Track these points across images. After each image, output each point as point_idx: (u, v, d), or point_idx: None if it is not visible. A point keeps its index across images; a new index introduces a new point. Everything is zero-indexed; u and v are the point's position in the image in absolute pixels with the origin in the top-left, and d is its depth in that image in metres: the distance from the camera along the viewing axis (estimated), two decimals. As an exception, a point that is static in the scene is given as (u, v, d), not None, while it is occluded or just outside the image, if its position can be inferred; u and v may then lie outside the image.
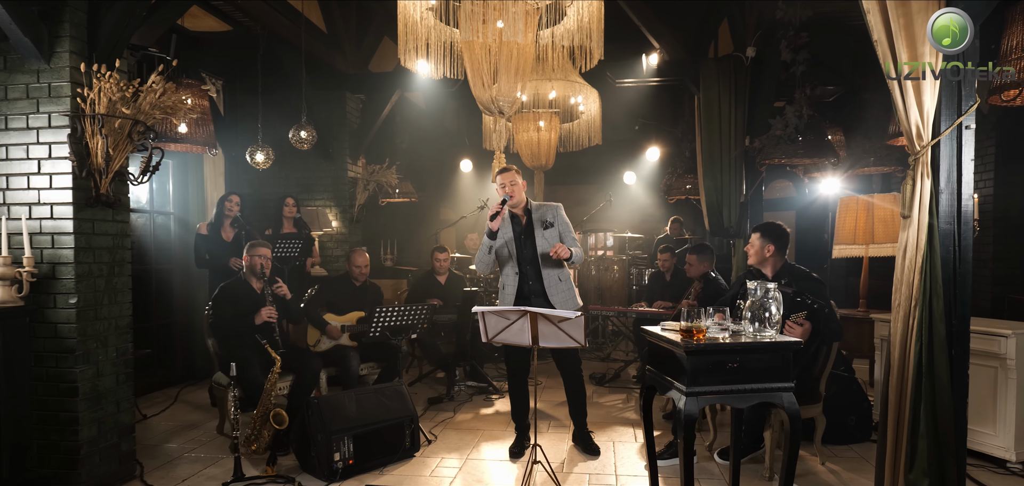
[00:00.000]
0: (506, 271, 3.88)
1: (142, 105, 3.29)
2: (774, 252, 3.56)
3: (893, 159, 6.00)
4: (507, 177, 3.78)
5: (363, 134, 7.03)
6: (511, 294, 3.83)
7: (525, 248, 3.85)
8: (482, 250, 3.81)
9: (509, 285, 3.84)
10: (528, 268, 3.84)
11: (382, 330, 4.45)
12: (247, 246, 4.40)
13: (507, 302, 3.79)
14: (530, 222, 3.87)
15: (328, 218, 6.69)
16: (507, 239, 3.84)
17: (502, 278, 3.91)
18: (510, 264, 3.85)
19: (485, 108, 4.85)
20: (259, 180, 6.64)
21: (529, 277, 3.84)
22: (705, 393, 2.15)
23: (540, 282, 3.81)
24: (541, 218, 3.87)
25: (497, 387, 5.66)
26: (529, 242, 3.85)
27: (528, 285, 3.84)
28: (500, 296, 3.94)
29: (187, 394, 5.66)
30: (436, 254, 6.04)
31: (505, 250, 3.84)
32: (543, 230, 3.84)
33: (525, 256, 3.85)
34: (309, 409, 3.64)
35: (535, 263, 3.83)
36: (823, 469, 3.66)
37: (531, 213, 3.89)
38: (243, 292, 4.33)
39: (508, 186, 3.75)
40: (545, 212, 3.91)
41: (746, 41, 6.38)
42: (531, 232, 3.85)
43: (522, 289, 3.83)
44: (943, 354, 2.75)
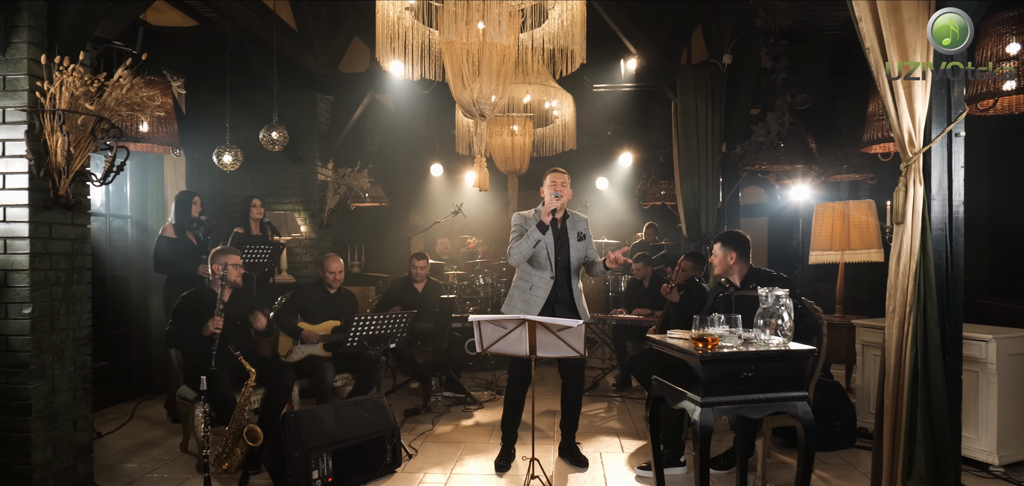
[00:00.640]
0: (537, 274, 3.82)
1: (107, 101, 3.10)
2: (737, 259, 3.59)
3: (865, 167, 6.15)
4: (560, 177, 3.81)
5: (333, 136, 6.85)
6: (540, 298, 3.77)
7: (560, 255, 3.84)
8: (527, 242, 3.72)
9: (539, 288, 3.78)
10: (561, 275, 3.83)
11: (360, 340, 4.31)
12: (214, 253, 4.20)
13: (534, 305, 3.75)
14: (565, 230, 3.88)
15: (297, 222, 6.48)
16: (544, 241, 3.79)
17: (529, 278, 3.84)
18: (544, 267, 3.81)
19: (466, 110, 4.77)
20: (223, 182, 6.40)
21: (560, 285, 3.83)
22: (720, 403, 2.11)
23: (569, 290, 3.83)
24: (576, 228, 3.90)
25: (475, 398, 5.55)
26: (564, 250, 3.85)
27: (557, 292, 3.82)
28: (523, 298, 3.83)
29: (144, 409, 5.39)
30: (414, 261, 5.91)
31: (544, 250, 3.78)
32: (577, 242, 3.86)
33: (560, 263, 3.83)
34: (285, 425, 3.48)
35: (567, 271, 3.84)
36: (813, 477, 3.68)
37: (567, 221, 3.90)
38: (210, 302, 4.12)
39: (559, 186, 3.76)
40: (579, 223, 3.94)
41: (721, 48, 6.46)
42: (565, 240, 3.86)
43: (552, 295, 3.80)
44: (938, 360, 2.78)
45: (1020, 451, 3.70)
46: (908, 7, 2.89)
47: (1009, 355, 3.67)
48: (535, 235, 3.72)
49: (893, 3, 2.91)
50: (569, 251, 3.85)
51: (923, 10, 2.89)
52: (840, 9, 5.69)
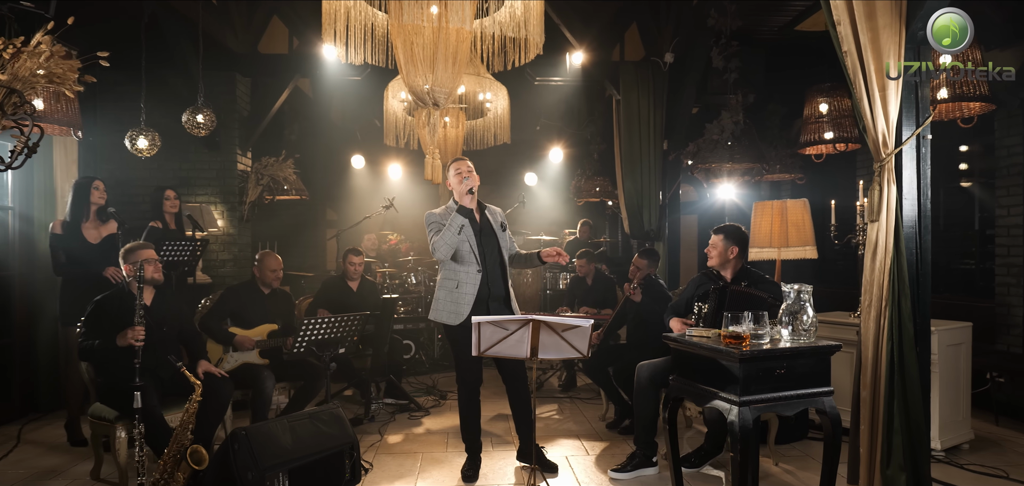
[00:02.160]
0: (463, 270, 3.62)
1: (19, 70, 2.67)
2: (738, 254, 3.68)
3: (796, 167, 6.54)
4: (464, 164, 3.64)
5: (254, 123, 6.38)
6: (469, 295, 3.58)
7: (487, 247, 3.65)
8: (450, 231, 3.53)
9: (467, 284, 3.58)
10: (493, 270, 3.65)
11: (308, 345, 4.02)
12: (125, 251, 3.75)
13: (463, 303, 3.56)
14: (486, 220, 3.71)
15: (213, 216, 5.97)
16: (464, 228, 3.60)
17: (454, 276, 3.64)
18: (468, 261, 3.61)
19: (419, 99, 4.58)
20: (125, 170, 5.76)
21: (494, 280, 3.65)
22: (757, 402, 2.12)
23: (503, 286, 3.66)
24: (496, 219, 3.74)
25: (420, 404, 5.36)
26: (491, 242, 3.67)
27: (490, 288, 3.63)
28: (449, 297, 3.63)
29: (32, 432, 4.76)
30: (350, 257, 5.61)
31: (465, 243, 3.59)
32: (502, 232, 3.70)
33: (489, 256, 3.65)
34: (235, 443, 3.15)
35: (500, 265, 3.67)
36: (777, 470, 3.84)
37: (485, 211, 3.74)
38: (130, 306, 3.69)
39: (467, 172, 3.60)
40: (497, 214, 3.79)
41: (661, 46, 6.64)
42: (491, 231, 3.68)
43: (482, 292, 3.60)
44: (912, 351, 2.96)
45: (957, 436, 4.05)
46: (883, 11, 3.06)
47: (948, 346, 4.00)
48: (458, 220, 3.56)
49: (868, 6, 3.07)
50: (496, 241, 3.69)
51: (895, 16, 3.07)
52: (776, 14, 6.01)
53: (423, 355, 7.11)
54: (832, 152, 6.02)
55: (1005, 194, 5.23)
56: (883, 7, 3.05)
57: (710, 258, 3.75)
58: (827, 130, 5.78)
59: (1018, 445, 4.20)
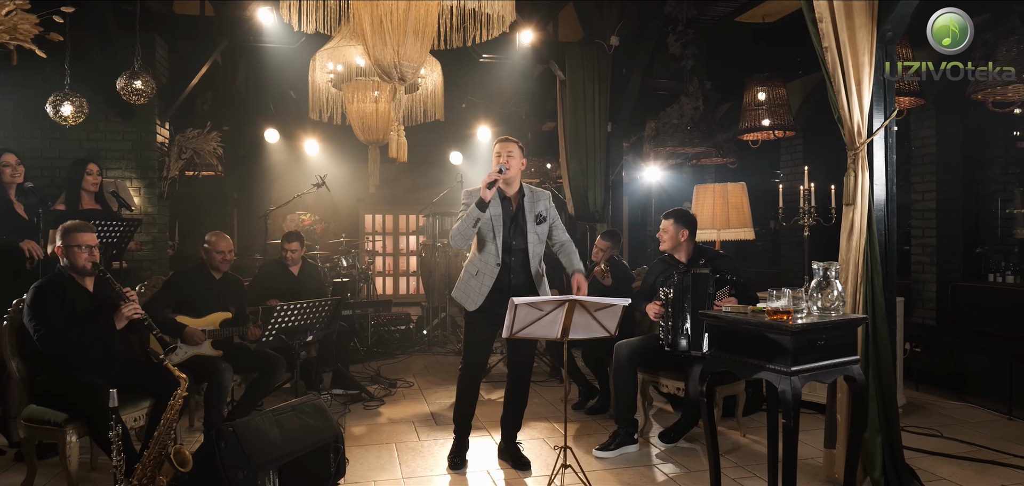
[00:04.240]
0: (482, 260, 3.56)
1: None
2: (688, 237, 3.96)
3: (731, 151, 7.02)
4: (505, 147, 3.53)
5: (174, 92, 5.91)
6: (485, 287, 3.52)
7: (513, 237, 3.57)
8: (466, 223, 3.44)
9: (484, 274, 3.52)
10: (512, 259, 3.57)
11: (277, 332, 3.86)
12: (63, 231, 3.43)
13: (479, 294, 3.51)
14: (522, 210, 3.60)
15: (129, 193, 5.50)
16: (492, 215, 3.51)
17: (474, 264, 3.59)
18: (489, 250, 3.54)
19: (384, 72, 4.48)
20: (21, 141, 5.16)
21: (514, 270, 3.57)
22: (804, 371, 2.34)
23: (527, 279, 3.59)
24: (535, 210, 3.62)
25: (372, 393, 5.27)
26: (519, 233, 3.58)
27: (510, 278, 3.55)
28: (469, 283, 3.58)
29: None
30: (285, 244, 5.41)
31: (490, 231, 3.52)
32: (536, 225, 3.60)
33: (513, 246, 3.57)
34: (222, 440, 2.99)
35: (525, 255, 3.58)
36: (747, 441, 4.17)
37: (523, 201, 3.62)
38: (74, 294, 3.37)
39: (505, 157, 3.48)
40: (538, 202, 3.65)
41: (605, 29, 6.86)
42: (522, 223, 3.58)
43: (502, 283, 3.53)
44: (884, 324, 3.34)
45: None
46: (859, 11, 3.39)
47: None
48: (474, 214, 3.45)
49: (847, 6, 3.39)
50: (526, 233, 3.60)
51: (869, 17, 3.41)
52: (718, 4, 6.39)
53: (358, 342, 6.97)
54: (769, 138, 6.53)
55: (919, 181, 5.93)
56: (859, 7, 3.38)
57: (662, 243, 4.01)
58: (764, 117, 6.26)
59: (941, 407, 4.83)
